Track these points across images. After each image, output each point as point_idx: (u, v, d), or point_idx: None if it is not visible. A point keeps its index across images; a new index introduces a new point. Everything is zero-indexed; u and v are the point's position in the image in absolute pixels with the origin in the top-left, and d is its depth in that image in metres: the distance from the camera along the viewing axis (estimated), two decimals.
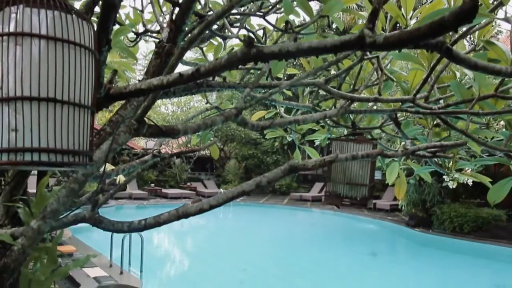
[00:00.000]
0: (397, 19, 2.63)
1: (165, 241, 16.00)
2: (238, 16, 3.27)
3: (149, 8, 3.13)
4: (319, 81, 2.57)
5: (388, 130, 3.69)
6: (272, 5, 3.02)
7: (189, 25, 2.43)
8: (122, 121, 2.03)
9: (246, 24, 3.30)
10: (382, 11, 2.59)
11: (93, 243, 10.92)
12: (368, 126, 3.41)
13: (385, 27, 2.79)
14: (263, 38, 3.26)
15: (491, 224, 15.58)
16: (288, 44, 1.15)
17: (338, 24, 3.55)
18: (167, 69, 1.68)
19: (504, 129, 2.90)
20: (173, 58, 1.66)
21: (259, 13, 2.98)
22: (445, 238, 16.08)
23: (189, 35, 2.23)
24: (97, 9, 2.05)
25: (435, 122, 3.21)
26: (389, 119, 3.34)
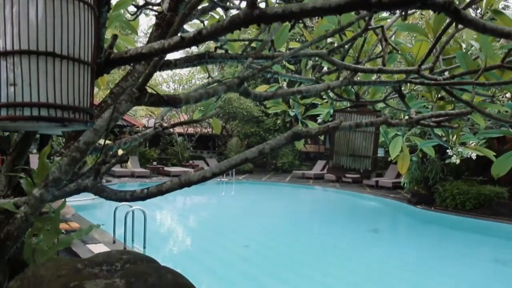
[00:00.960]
0: None
1: (167, 218, 16.12)
2: None
3: None
4: (322, 52, 2.53)
5: (392, 104, 3.66)
6: None
7: None
8: (123, 92, 2.01)
9: None
10: None
11: (96, 220, 10.99)
12: (371, 100, 3.37)
13: None
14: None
15: (493, 202, 15.63)
16: (292, 4, 1.12)
17: None
18: (168, 36, 1.65)
19: (510, 101, 2.87)
20: (175, 24, 1.62)
21: None
22: (447, 215, 16.17)
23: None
24: None
25: (440, 95, 3.17)
26: (393, 92, 3.30)
